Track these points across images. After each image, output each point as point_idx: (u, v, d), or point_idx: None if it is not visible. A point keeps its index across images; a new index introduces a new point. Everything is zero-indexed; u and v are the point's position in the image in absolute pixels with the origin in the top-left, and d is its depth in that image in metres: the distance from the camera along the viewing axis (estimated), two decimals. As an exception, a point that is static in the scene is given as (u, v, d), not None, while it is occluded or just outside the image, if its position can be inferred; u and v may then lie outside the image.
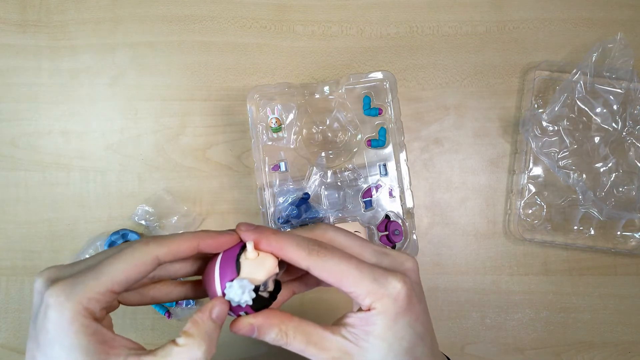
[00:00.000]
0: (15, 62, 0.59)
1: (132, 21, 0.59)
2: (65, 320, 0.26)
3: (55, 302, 0.26)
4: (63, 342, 0.26)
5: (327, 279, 0.30)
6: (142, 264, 0.28)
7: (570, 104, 0.56)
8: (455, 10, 0.60)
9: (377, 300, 0.30)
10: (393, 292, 0.30)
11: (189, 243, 0.30)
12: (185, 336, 0.28)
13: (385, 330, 0.30)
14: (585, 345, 0.58)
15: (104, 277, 0.27)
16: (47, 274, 0.28)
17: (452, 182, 0.59)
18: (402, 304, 0.30)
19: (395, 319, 0.30)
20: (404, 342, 0.30)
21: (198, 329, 0.29)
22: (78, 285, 0.27)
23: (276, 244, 0.31)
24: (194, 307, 0.57)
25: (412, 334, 0.30)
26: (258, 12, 0.60)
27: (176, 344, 0.28)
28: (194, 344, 0.28)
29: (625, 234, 0.57)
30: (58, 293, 0.27)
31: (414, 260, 0.33)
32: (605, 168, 0.56)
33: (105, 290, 0.27)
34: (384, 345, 0.30)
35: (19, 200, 0.59)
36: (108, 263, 0.28)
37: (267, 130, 0.55)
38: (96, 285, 0.27)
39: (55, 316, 0.26)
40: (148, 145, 0.59)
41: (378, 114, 0.56)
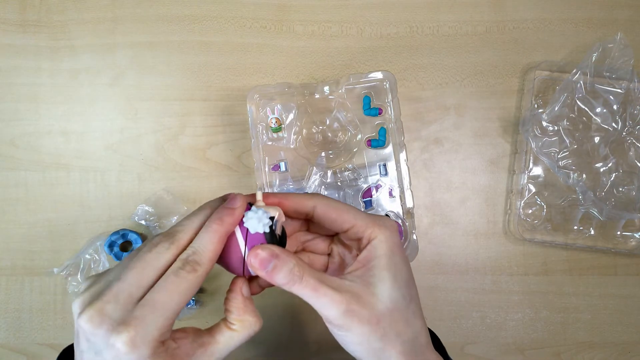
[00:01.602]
0: (15, 62, 0.59)
1: (132, 21, 0.59)
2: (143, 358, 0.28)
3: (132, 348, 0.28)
4: None
5: (330, 214, 0.34)
6: (197, 287, 0.31)
7: (570, 104, 0.56)
8: (455, 10, 0.60)
9: (377, 231, 0.33)
10: (388, 224, 0.34)
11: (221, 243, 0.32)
12: (237, 322, 0.32)
13: (388, 260, 0.33)
14: (585, 345, 0.58)
15: (169, 313, 0.29)
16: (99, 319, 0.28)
17: (452, 182, 0.59)
18: (396, 237, 0.34)
19: (393, 250, 0.33)
20: (403, 273, 0.33)
21: (244, 312, 0.33)
22: (148, 327, 0.29)
23: (282, 195, 0.35)
24: (194, 307, 0.57)
25: (407, 269, 0.34)
26: (258, 12, 0.60)
27: (232, 329, 0.32)
28: (248, 324, 0.33)
29: (625, 234, 0.57)
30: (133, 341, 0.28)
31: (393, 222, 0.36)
32: (605, 168, 0.56)
33: (172, 322, 0.30)
34: (388, 276, 0.33)
35: (19, 200, 0.59)
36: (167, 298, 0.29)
37: (267, 130, 0.55)
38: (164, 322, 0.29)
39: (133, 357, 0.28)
40: (148, 145, 0.59)
41: (378, 114, 0.56)
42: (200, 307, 0.57)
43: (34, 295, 0.58)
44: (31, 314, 0.58)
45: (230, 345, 0.32)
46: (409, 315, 0.33)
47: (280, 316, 0.58)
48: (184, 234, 0.32)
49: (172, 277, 0.30)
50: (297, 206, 0.35)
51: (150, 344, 0.28)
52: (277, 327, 0.58)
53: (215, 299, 0.58)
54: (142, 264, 0.30)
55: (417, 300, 0.35)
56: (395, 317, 0.32)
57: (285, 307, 0.58)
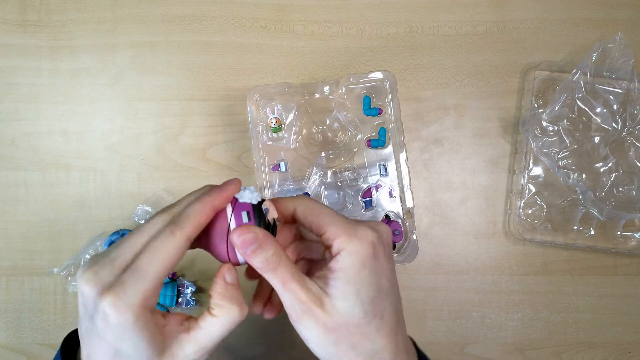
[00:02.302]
0: (15, 62, 0.59)
1: (132, 21, 0.59)
2: (128, 323, 0.29)
3: (116, 312, 0.29)
4: (128, 339, 0.30)
5: (308, 217, 0.34)
6: (178, 252, 0.31)
7: (570, 104, 0.56)
8: (455, 10, 0.60)
9: (346, 242, 0.32)
10: (361, 235, 0.32)
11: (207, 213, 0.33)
12: (217, 307, 0.32)
13: (353, 274, 0.32)
14: (585, 345, 0.58)
15: (149, 277, 0.30)
16: (93, 281, 0.30)
17: (452, 182, 0.59)
18: (368, 250, 0.32)
19: (362, 263, 0.32)
20: (370, 289, 0.32)
21: (223, 297, 0.32)
22: (129, 291, 0.29)
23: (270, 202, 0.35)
24: (194, 307, 0.57)
25: (377, 284, 0.32)
26: (258, 12, 0.60)
27: (213, 315, 0.32)
28: (226, 311, 0.32)
29: (625, 234, 0.57)
30: (116, 304, 0.29)
31: (386, 227, 0.35)
32: (605, 168, 0.56)
33: (155, 286, 0.30)
34: (350, 291, 0.32)
35: (19, 200, 0.59)
36: (147, 261, 0.30)
37: (267, 130, 0.55)
38: (145, 285, 0.30)
39: (118, 321, 0.29)
40: (148, 145, 0.59)
41: (378, 114, 0.56)
42: (200, 307, 0.57)
43: (34, 295, 0.58)
44: (31, 314, 0.58)
45: (211, 332, 0.32)
46: (370, 331, 0.32)
47: (280, 316, 0.58)
48: (179, 207, 0.33)
49: (153, 241, 0.31)
50: (280, 208, 0.36)
51: (133, 309, 0.29)
52: (277, 327, 0.58)
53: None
54: (138, 233, 0.32)
55: (390, 317, 0.33)
56: (352, 330, 0.32)
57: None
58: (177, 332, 0.32)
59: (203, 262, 0.58)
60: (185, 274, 0.58)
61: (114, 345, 0.30)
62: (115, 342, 0.30)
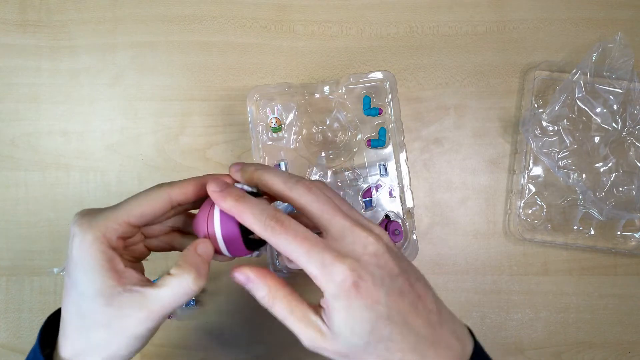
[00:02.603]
0: (15, 62, 0.59)
1: (132, 21, 0.59)
2: (86, 245, 0.31)
3: (79, 230, 0.31)
4: (84, 265, 0.31)
5: (281, 253, 0.32)
6: (155, 201, 0.34)
7: (570, 104, 0.56)
8: (455, 10, 0.60)
9: (323, 285, 0.31)
10: (337, 279, 0.30)
11: (198, 182, 0.36)
12: (177, 267, 0.32)
13: (344, 314, 0.31)
14: (585, 345, 0.58)
15: (121, 211, 0.33)
16: (81, 212, 0.33)
17: (452, 182, 0.59)
18: (349, 291, 0.30)
19: (347, 303, 0.31)
20: (366, 325, 0.31)
21: (186, 261, 0.32)
22: (98, 216, 0.32)
23: (236, 212, 0.33)
24: (195, 307, 0.57)
25: (372, 315, 0.31)
26: (258, 12, 0.60)
27: (169, 274, 0.32)
28: (183, 273, 0.32)
29: (625, 234, 0.57)
30: (81, 222, 0.32)
31: (378, 244, 0.32)
32: (605, 168, 0.56)
33: (122, 222, 0.32)
34: (346, 329, 0.31)
35: (19, 200, 0.59)
36: (126, 201, 0.33)
37: (267, 130, 0.55)
38: (113, 216, 0.32)
39: (78, 242, 0.31)
40: (148, 145, 0.59)
41: (378, 114, 0.56)
42: (201, 307, 0.57)
43: (34, 295, 0.58)
44: (31, 314, 0.58)
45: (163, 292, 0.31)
46: (379, 352, 0.32)
47: (280, 316, 0.58)
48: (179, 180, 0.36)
49: (143, 190, 0.34)
50: None
51: (93, 230, 0.31)
52: (277, 327, 0.57)
53: (215, 299, 0.58)
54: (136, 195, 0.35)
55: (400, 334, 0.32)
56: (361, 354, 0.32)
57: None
58: (132, 283, 0.32)
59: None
60: (185, 274, 0.58)
61: (71, 275, 0.32)
62: (72, 271, 0.31)
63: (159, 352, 0.57)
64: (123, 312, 0.31)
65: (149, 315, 0.31)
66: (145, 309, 0.31)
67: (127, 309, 0.31)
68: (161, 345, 0.57)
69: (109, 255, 0.31)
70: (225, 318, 0.58)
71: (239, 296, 0.58)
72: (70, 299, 0.33)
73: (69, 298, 0.33)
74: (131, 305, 0.31)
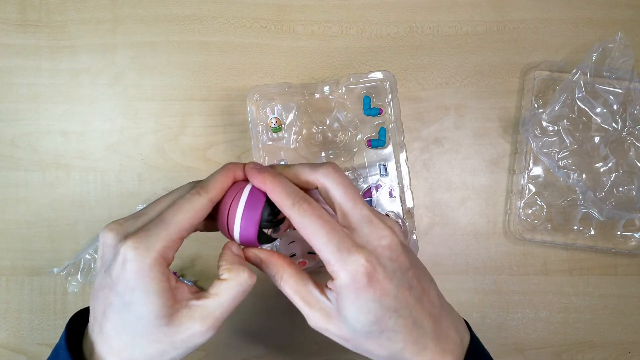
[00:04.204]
0: (15, 62, 0.59)
1: (132, 21, 0.59)
2: (145, 269, 0.30)
3: (135, 255, 0.30)
4: (142, 289, 0.30)
5: (301, 232, 0.32)
6: (202, 210, 0.33)
7: (570, 104, 0.56)
8: (455, 10, 0.60)
9: (335, 272, 0.31)
10: (351, 268, 0.31)
11: (229, 179, 0.35)
12: (227, 271, 0.33)
13: (350, 303, 0.32)
14: (585, 345, 0.58)
15: (172, 227, 0.31)
16: (116, 230, 0.32)
17: (452, 182, 0.59)
18: (361, 281, 0.31)
19: (356, 293, 0.31)
20: (370, 316, 0.32)
21: (232, 262, 0.33)
22: (152, 237, 0.30)
23: (270, 186, 0.34)
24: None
25: (378, 308, 0.31)
26: (258, 12, 0.60)
27: (222, 280, 0.33)
28: (238, 273, 0.33)
29: (625, 234, 0.57)
30: (136, 246, 0.30)
31: (391, 237, 0.33)
32: (605, 168, 0.56)
33: (176, 238, 0.31)
34: (351, 316, 0.32)
35: (19, 200, 0.59)
36: (172, 214, 0.32)
37: (267, 130, 0.55)
38: (168, 235, 0.31)
39: (135, 267, 0.30)
40: (148, 145, 0.59)
41: (378, 114, 0.56)
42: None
43: (34, 295, 0.58)
44: (31, 314, 0.58)
45: (222, 298, 0.32)
46: (381, 342, 0.33)
47: (280, 316, 0.58)
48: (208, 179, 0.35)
49: (180, 199, 0.32)
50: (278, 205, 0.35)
51: (153, 254, 0.30)
52: (277, 327, 0.58)
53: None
54: (165, 197, 0.34)
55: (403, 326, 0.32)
56: (363, 342, 0.33)
57: (285, 307, 0.58)
58: (187, 298, 0.32)
59: (203, 262, 0.58)
60: (185, 274, 0.58)
61: (123, 296, 0.30)
62: (125, 293, 0.30)
63: (159, 352, 0.57)
64: (184, 327, 0.31)
65: (213, 324, 0.32)
66: (208, 320, 0.32)
67: (189, 323, 0.31)
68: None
69: (166, 275, 0.31)
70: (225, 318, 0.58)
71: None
72: (120, 319, 0.31)
73: (118, 317, 0.31)
74: (192, 319, 0.31)
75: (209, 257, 0.58)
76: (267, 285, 0.40)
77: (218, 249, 0.34)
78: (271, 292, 0.57)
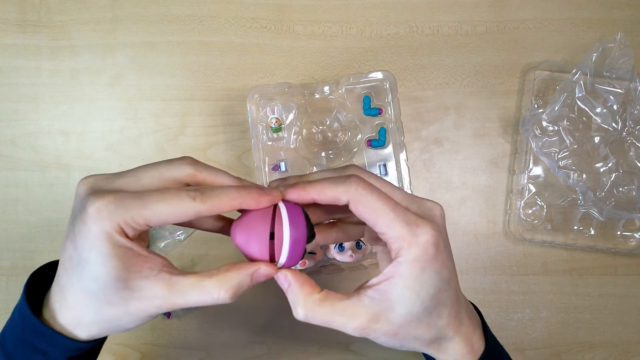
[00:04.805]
0: (15, 62, 0.59)
1: (132, 21, 0.59)
2: (104, 233, 0.28)
3: (97, 215, 0.28)
4: (101, 250, 0.28)
5: (363, 214, 0.31)
6: (183, 214, 0.29)
7: (570, 104, 0.56)
8: (455, 10, 0.60)
9: (406, 247, 0.30)
10: (423, 239, 0.30)
11: (232, 203, 0.30)
12: (222, 274, 0.30)
13: (413, 280, 0.30)
14: (585, 345, 0.58)
15: (145, 212, 0.29)
16: (93, 183, 0.30)
17: (452, 182, 0.59)
18: (430, 252, 0.30)
19: (422, 267, 0.30)
20: (431, 289, 0.31)
21: (233, 277, 0.30)
22: (121, 207, 0.28)
23: (316, 191, 0.31)
24: (195, 307, 0.57)
25: (438, 279, 0.31)
26: (258, 12, 0.60)
27: (210, 276, 0.30)
28: (221, 289, 0.30)
29: (625, 234, 0.57)
30: (101, 208, 0.28)
31: (440, 208, 0.33)
32: (605, 168, 0.56)
33: (142, 222, 0.29)
34: (411, 295, 0.31)
35: (19, 200, 0.58)
36: (152, 200, 0.29)
37: (267, 130, 0.55)
38: (136, 215, 0.28)
39: (95, 228, 0.28)
40: (148, 145, 0.59)
41: (378, 114, 0.56)
42: (200, 307, 0.57)
43: (34, 295, 0.58)
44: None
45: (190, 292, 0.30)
46: (431, 320, 0.32)
47: (281, 316, 0.58)
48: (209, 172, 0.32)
49: (173, 192, 0.29)
50: (331, 201, 0.32)
51: (112, 223, 0.28)
52: (277, 327, 0.58)
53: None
54: (154, 166, 0.32)
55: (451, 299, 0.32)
56: (414, 326, 0.32)
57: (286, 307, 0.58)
58: (158, 269, 0.30)
59: (203, 265, 0.58)
60: (185, 274, 0.58)
61: (81, 253, 0.29)
62: (83, 250, 0.29)
63: (159, 352, 0.57)
64: (142, 295, 0.30)
65: (170, 304, 0.30)
66: (168, 300, 0.30)
67: (148, 292, 0.30)
68: (161, 345, 0.57)
69: (128, 245, 0.29)
70: (225, 318, 0.58)
71: (239, 296, 0.57)
72: (76, 275, 0.30)
73: (74, 273, 0.30)
74: (153, 290, 0.30)
75: (208, 259, 0.58)
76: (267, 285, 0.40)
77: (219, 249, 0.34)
78: (271, 293, 0.57)
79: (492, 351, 0.37)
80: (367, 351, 0.57)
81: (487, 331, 0.37)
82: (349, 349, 0.57)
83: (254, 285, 0.32)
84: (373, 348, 0.57)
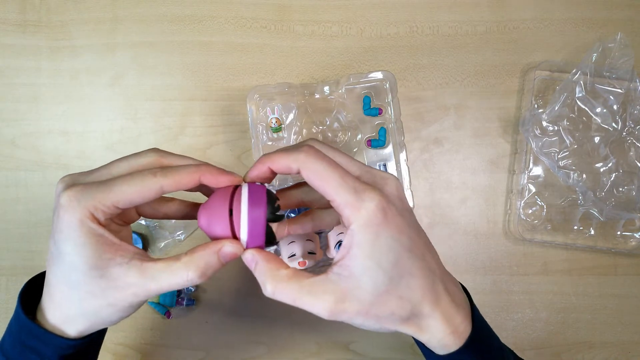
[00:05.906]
0: (15, 62, 0.59)
1: (132, 21, 0.59)
2: (75, 221, 0.30)
3: (67, 205, 0.30)
4: (75, 240, 0.30)
5: (313, 181, 0.32)
6: (147, 191, 0.31)
7: (570, 104, 0.56)
8: (455, 10, 0.60)
9: (354, 212, 0.31)
10: (369, 205, 0.31)
11: (192, 176, 0.33)
12: (188, 256, 0.32)
13: (370, 247, 0.31)
14: (585, 345, 0.58)
15: (111, 195, 0.31)
16: (67, 180, 0.32)
17: (452, 182, 0.59)
18: (379, 217, 0.31)
19: (376, 232, 0.31)
20: (390, 255, 0.31)
21: (200, 257, 0.32)
22: (87, 194, 0.30)
23: (270, 161, 0.33)
24: (194, 307, 0.57)
25: (397, 246, 0.31)
26: (258, 12, 0.60)
27: (178, 260, 0.31)
28: (189, 269, 0.31)
29: (625, 234, 0.57)
30: (70, 197, 0.30)
31: (394, 179, 0.34)
32: (605, 168, 0.56)
33: (110, 205, 0.31)
34: (372, 265, 0.31)
35: (19, 200, 0.59)
36: (118, 183, 0.31)
37: (267, 130, 0.55)
38: (102, 198, 0.30)
39: (67, 217, 0.30)
40: (148, 145, 0.58)
41: (378, 114, 0.56)
42: (201, 307, 0.57)
43: (34, 295, 0.58)
44: None
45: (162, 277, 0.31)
46: (401, 292, 0.32)
47: (280, 316, 0.58)
48: (173, 157, 0.34)
49: (136, 173, 0.32)
50: (284, 170, 0.33)
51: (81, 209, 0.30)
52: (277, 327, 0.58)
53: (215, 299, 0.57)
54: (123, 158, 0.34)
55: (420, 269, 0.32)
56: (385, 299, 0.31)
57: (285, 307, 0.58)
58: (130, 257, 0.31)
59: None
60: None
61: (59, 246, 0.31)
62: (60, 242, 0.31)
63: (159, 352, 0.57)
64: (118, 284, 0.31)
65: (145, 290, 0.31)
66: (142, 286, 0.31)
67: (123, 280, 0.31)
68: (161, 345, 0.57)
69: (99, 232, 0.31)
70: (225, 318, 0.58)
71: (239, 296, 0.58)
72: (57, 268, 0.33)
73: (56, 267, 0.33)
74: (127, 278, 0.31)
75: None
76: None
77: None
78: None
79: (480, 337, 0.35)
80: (367, 351, 0.57)
81: (475, 314, 0.36)
82: (349, 349, 0.57)
83: (224, 265, 0.33)
84: (373, 348, 0.57)
